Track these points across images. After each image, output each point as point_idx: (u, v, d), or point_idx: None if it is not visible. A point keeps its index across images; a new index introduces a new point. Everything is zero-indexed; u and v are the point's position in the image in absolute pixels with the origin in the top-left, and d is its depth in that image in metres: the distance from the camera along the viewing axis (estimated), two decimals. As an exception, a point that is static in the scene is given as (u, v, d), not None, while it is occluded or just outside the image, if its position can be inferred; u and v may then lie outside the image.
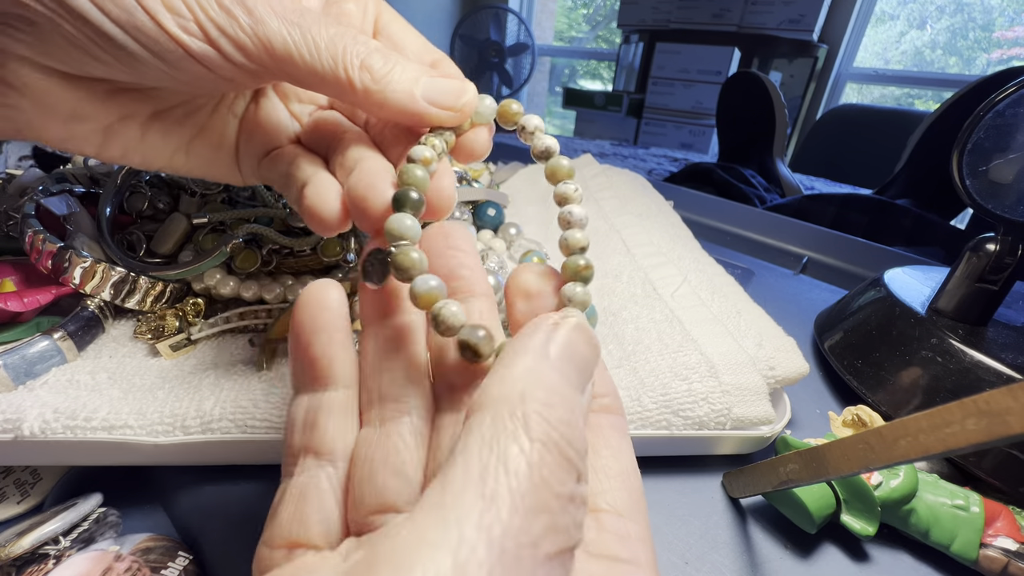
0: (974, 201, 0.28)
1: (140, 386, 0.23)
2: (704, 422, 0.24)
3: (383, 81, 0.16)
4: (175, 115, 0.18)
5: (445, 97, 0.16)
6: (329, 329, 0.14)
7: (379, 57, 0.16)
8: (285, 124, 0.20)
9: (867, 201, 0.68)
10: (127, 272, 0.25)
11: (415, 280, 0.13)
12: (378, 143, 0.19)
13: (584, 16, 2.98)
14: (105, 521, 0.21)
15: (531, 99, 2.84)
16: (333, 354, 0.14)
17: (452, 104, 0.16)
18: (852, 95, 1.90)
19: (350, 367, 0.14)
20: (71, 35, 0.14)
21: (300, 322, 0.14)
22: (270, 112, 0.20)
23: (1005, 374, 0.25)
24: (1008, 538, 0.21)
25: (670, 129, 1.84)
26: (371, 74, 0.16)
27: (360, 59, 0.15)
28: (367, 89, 0.16)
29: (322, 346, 0.14)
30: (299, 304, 0.14)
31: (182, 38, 0.14)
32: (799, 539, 0.23)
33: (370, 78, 0.16)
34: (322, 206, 0.17)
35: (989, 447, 0.11)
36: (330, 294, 0.14)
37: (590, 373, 0.12)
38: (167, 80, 0.16)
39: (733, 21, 1.67)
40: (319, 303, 0.14)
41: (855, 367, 0.31)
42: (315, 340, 0.14)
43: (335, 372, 0.14)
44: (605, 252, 0.38)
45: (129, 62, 0.15)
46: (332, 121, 0.20)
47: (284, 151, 0.19)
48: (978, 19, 1.97)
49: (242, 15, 0.14)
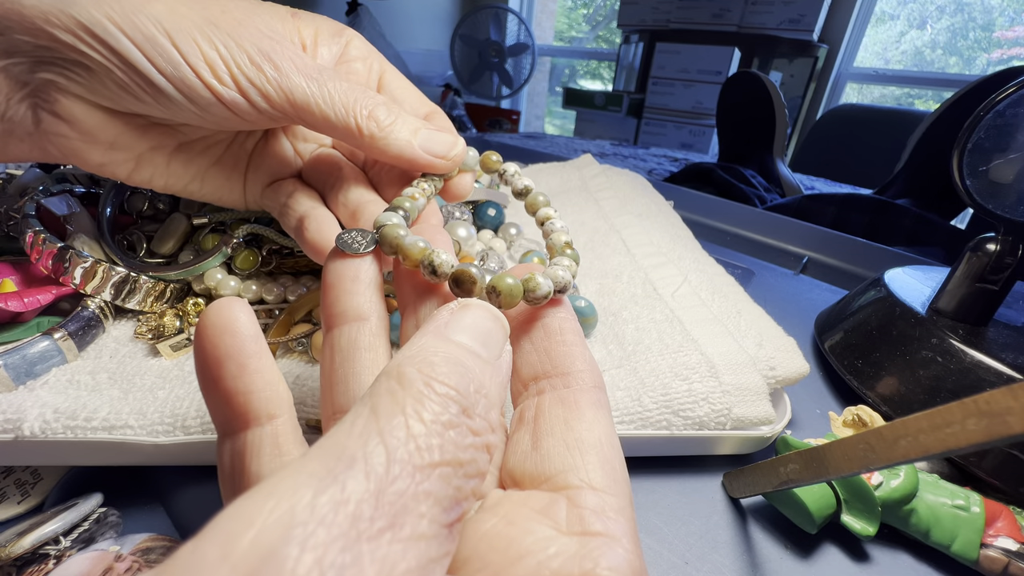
0: (974, 201, 0.28)
1: (140, 386, 0.23)
2: (704, 422, 0.24)
3: (386, 130, 0.18)
4: (197, 147, 0.21)
5: (439, 147, 0.19)
6: (238, 356, 0.12)
7: (384, 110, 0.18)
8: (289, 159, 0.23)
9: (867, 201, 0.68)
10: (127, 272, 0.25)
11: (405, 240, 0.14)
12: (375, 183, 0.21)
13: (584, 16, 2.98)
14: (105, 521, 0.21)
15: (531, 99, 2.84)
16: (248, 386, 0.12)
17: (444, 154, 0.19)
18: (852, 95, 1.90)
19: (274, 393, 0.12)
20: (121, 80, 0.16)
21: (203, 352, 0.12)
22: (277, 148, 0.23)
23: (1005, 374, 0.25)
24: (1008, 538, 0.21)
25: (670, 129, 1.84)
26: (377, 124, 0.18)
27: (368, 110, 0.18)
28: (373, 136, 0.18)
29: (232, 379, 0.12)
30: (199, 331, 0.12)
31: (217, 88, 0.17)
32: (799, 539, 0.23)
33: (376, 127, 0.18)
34: (323, 242, 0.19)
35: (989, 447, 0.11)
36: (234, 314, 0.12)
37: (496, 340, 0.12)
38: (197, 120, 0.18)
39: (733, 21, 1.67)
40: (222, 327, 0.12)
41: (855, 367, 0.31)
42: (224, 373, 0.12)
43: (254, 406, 0.12)
44: (605, 252, 0.38)
45: (167, 104, 0.17)
46: (331, 159, 0.22)
47: (284, 184, 0.22)
48: (978, 19, 1.97)
49: (269, 70, 0.17)
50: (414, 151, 0.18)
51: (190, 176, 0.21)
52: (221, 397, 0.12)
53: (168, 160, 0.20)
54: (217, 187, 0.22)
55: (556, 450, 0.12)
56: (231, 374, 0.12)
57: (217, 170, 0.22)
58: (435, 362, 0.10)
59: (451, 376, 0.10)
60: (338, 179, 0.21)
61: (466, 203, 0.41)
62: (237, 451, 0.12)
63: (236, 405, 0.12)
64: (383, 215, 0.16)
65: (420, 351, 0.10)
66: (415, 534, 0.08)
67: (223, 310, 0.12)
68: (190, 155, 0.21)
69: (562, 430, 0.12)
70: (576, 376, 0.13)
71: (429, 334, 0.11)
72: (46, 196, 0.28)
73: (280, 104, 0.17)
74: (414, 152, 0.18)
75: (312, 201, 0.21)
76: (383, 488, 0.08)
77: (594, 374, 0.14)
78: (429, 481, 0.08)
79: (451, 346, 0.11)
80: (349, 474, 0.07)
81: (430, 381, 0.09)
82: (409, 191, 0.18)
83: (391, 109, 0.19)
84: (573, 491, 0.11)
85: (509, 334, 0.13)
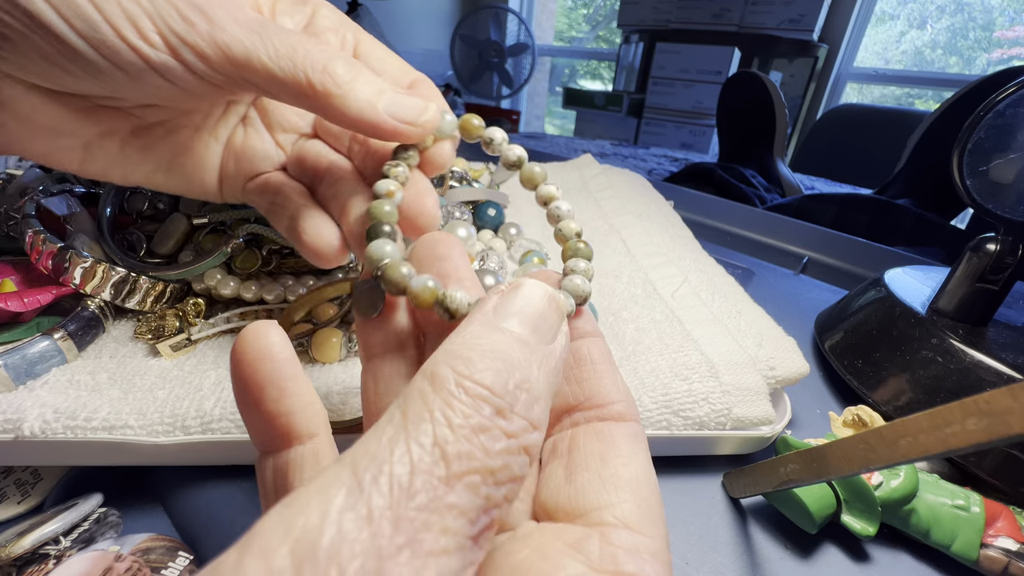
0: (974, 201, 0.28)
1: (140, 386, 0.23)
2: (704, 422, 0.24)
3: (345, 87, 0.16)
4: (156, 134, 0.19)
5: (407, 111, 0.16)
6: (277, 381, 0.12)
7: (343, 64, 0.16)
8: (270, 152, 0.21)
9: (867, 201, 0.68)
10: (127, 272, 0.25)
11: (412, 282, 0.13)
12: (361, 171, 0.19)
13: (584, 16, 2.98)
14: (105, 521, 0.21)
15: (531, 99, 2.84)
16: (289, 407, 0.12)
17: (413, 119, 0.16)
18: (852, 95, 1.90)
19: (313, 412, 0.13)
20: (43, 49, 0.14)
21: (242, 378, 0.12)
22: (255, 140, 0.20)
23: (1006, 374, 0.25)
24: (1009, 538, 0.21)
25: (670, 129, 1.84)
26: (333, 79, 0.15)
27: (323, 64, 0.15)
28: (328, 93, 0.15)
29: (273, 403, 0.12)
30: (235, 357, 0.12)
31: (143, 49, 0.14)
32: (799, 539, 0.23)
33: (332, 82, 0.15)
34: (323, 245, 0.18)
35: (989, 447, 0.11)
36: (270, 339, 0.12)
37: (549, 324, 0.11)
38: (134, 93, 0.16)
39: (733, 21, 1.67)
40: (260, 354, 0.12)
41: (855, 367, 0.31)
42: (264, 397, 0.12)
43: (295, 427, 0.13)
44: (605, 252, 0.38)
45: (95, 74, 0.15)
46: (315, 150, 0.20)
47: (270, 179, 0.20)
48: (978, 19, 1.97)
49: (201, 23, 0.14)
50: (377, 115, 0.16)
51: (151, 168, 0.19)
52: (263, 420, 0.13)
53: (122, 148, 0.18)
54: (185, 179, 0.20)
55: (591, 485, 0.11)
56: (272, 398, 0.12)
57: (184, 162, 0.20)
58: (471, 358, 0.10)
59: (487, 373, 0.09)
60: (324, 171, 0.19)
61: (466, 203, 0.41)
62: (280, 468, 0.13)
63: (278, 427, 0.12)
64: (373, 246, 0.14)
65: (460, 344, 0.10)
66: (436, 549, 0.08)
67: (259, 336, 0.12)
68: (147, 142, 0.19)
69: (597, 465, 0.12)
70: (611, 408, 0.13)
71: (475, 322, 0.11)
72: (46, 196, 0.28)
73: (218, 62, 0.15)
74: (377, 116, 0.16)
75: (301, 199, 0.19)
76: (405, 502, 0.08)
77: (630, 405, 0.13)
78: (455, 493, 0.08)
79: (495, 336, 0.10)
80: (374, 488, 0.08)
81: (462, 380, 0.09)
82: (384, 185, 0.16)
83: (352, 65, 0.16)
84: (608, 528, 0.11)
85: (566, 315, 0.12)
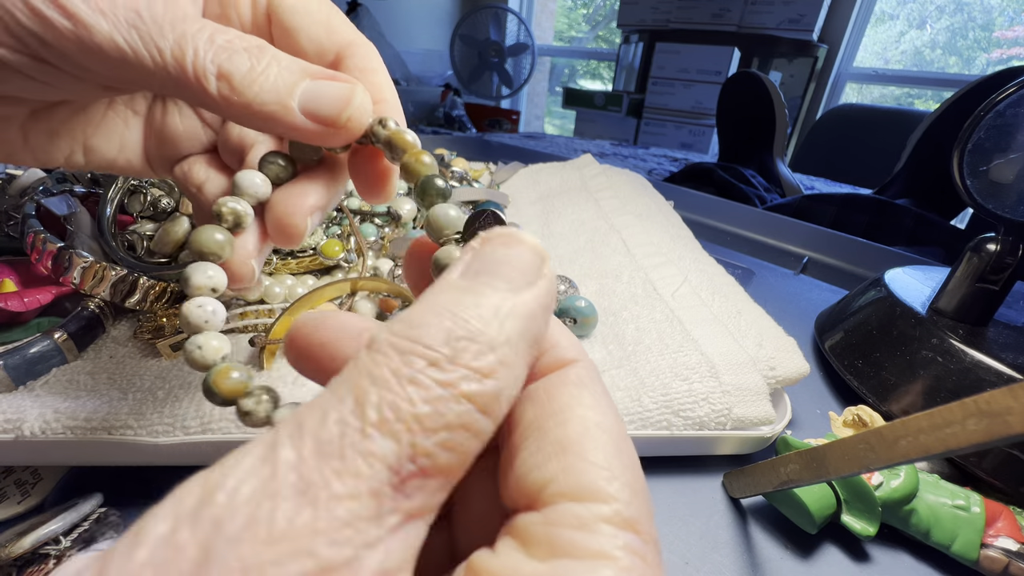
0: (974, 201, 0.28)
1: (140, 386, 0.23)
2: (704, 422, 0.24)
3: (247, 89, 0.13)
4: (59, 115, 0.17)
5: (328, 105, 0.13)
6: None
7: (244, 58, 0.13)
8: (195, 131, 0.18)
9: (867, 201, 0.68)
10: (127, 272, 0.25)
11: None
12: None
13: (584, 16, 2.98)
14: (105, 521, 0.21)
15: (531, 99, 2.84)
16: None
17: (335, 115, 0.13)
18: (852, 95, 1.90)
19: None
20: None
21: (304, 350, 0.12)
22: (175, 118, 0.18)
23: (1006, 374, 0.25)
24: (1009, 538, 0.21)
25: (670, 129, 1.84)
26: (230, 83, 0.13)
27: (217, 64, 0.13)
28: (226, 98, 0.13)
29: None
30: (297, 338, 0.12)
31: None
32: (800, 539, 0.23)
33: (228, 87, 0.13)
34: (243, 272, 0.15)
35: (990, 447, 0.11)
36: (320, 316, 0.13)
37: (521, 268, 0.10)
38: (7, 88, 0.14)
39: (733, 21, 1.67)
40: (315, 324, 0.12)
41: (855, 367, 0.31)
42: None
43: None
44: (605, 252, 0.38)
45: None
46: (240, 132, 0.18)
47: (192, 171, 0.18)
48: (978, 19, 1.97)
49: (59, 18, 0.12)
50: (291, 116, 0.13)
51: (65, 150, 0.17)
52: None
53: (23, 133, 0.16)
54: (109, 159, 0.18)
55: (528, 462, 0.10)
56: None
57: (101, 140, 0.18)
58: (411, 317, 0.09)
59: (421, 329, 0.09)
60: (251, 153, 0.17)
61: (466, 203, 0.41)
62: None
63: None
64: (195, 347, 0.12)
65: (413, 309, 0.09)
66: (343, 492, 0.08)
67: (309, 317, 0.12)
68: (52, 124, 0.16)
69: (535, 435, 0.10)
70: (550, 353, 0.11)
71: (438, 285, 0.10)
72: (46, 196, 0.28)
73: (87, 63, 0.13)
74: (292, 118, 0.13)
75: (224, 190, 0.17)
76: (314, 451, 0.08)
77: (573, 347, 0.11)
78: (370, 441, 0.08)
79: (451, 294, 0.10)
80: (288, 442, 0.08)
81: (395, 339, 0.09)
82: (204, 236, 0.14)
83: (259, 57, 0.13)
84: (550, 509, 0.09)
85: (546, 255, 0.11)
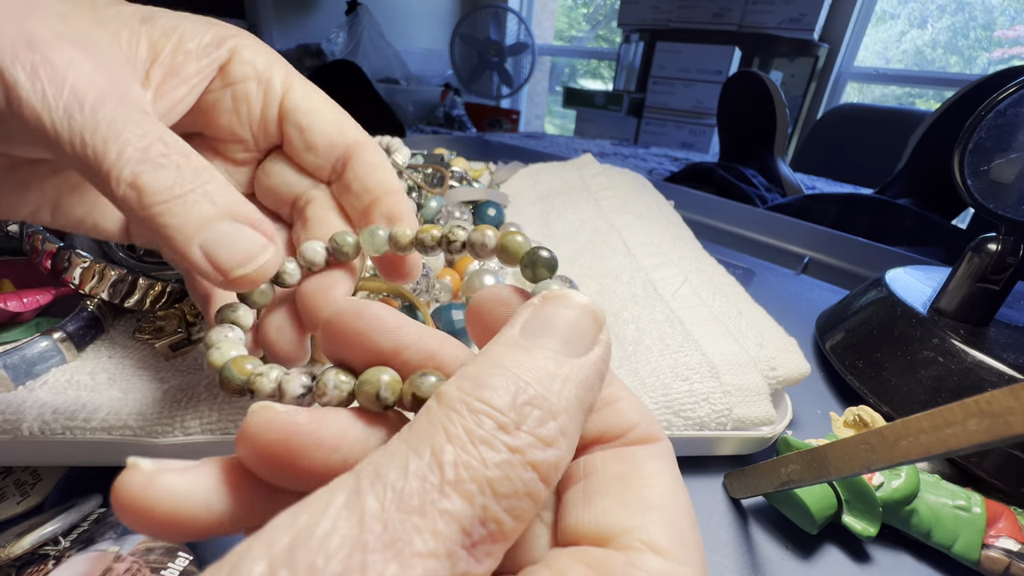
0: (975, 201, 0.28)
1: (140, 387, 0.23)
2: (705, 423, 0.24)
3: (155, 208, 0.12)
4: (36, 171, 0.16)
5: (229, 256, 0.13)
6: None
7: (169, 175, 0.13)
8: None
9: (868, 201, 0.68)
10: (126, 272, 0.25)
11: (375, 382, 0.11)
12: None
13: (584, 15, 2.98)
14: (105, 521, 0.21)
15: (531, 99, 2.84)
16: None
17: (227, 269, 0.13)
18: (853, 94, 1.90)
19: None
20: None
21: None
22: None
23: (1007, 374, 0.25)
24: (1010, 539, 0.21)
25: (670, 129, 1.84)
26: (139, 195, 0.12)
27: (134, 174, 0.12)
28: (129, 206, 0.12)
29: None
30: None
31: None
32: (800, 540, 0.23)
33: (136, 200, 0.12)
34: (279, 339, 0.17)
35: (991, 447, 0.11)
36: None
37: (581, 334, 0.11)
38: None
39: (734, 20, 1.67)
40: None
41: (856, 367, 0.31)
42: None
43: None
44: (605, 252, 0.38)
45: None
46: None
47: None
48: (979, 18, 1.97)
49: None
50: (189, 250, 0.13)
51: (32, 206, 0.17)
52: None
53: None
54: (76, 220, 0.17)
55: (612, 510, 0.10)
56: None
57: (74, 200, 0.17)
58: (479, 375, 0.09)
59: (490, 391, 0.09)
60: None
61: (466, 203, 0.41)
62: None
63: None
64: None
65: (475, 364, 0.10)
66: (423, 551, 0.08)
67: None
68: (26, 179, 0.16)
69: (619, 488, 0.11)
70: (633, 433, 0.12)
71: (500, 340, 0.10)
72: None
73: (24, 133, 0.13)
74: (189, 251, 0.13)
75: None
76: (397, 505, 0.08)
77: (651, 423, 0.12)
78: (448, 500, 0.08)
79: (514, 353, 0.10)
80: (371, 491, 0.08)
81: (465, 397, 0.09)
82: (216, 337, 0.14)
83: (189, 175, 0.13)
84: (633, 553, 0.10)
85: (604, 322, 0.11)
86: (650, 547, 0.10)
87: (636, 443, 0.12)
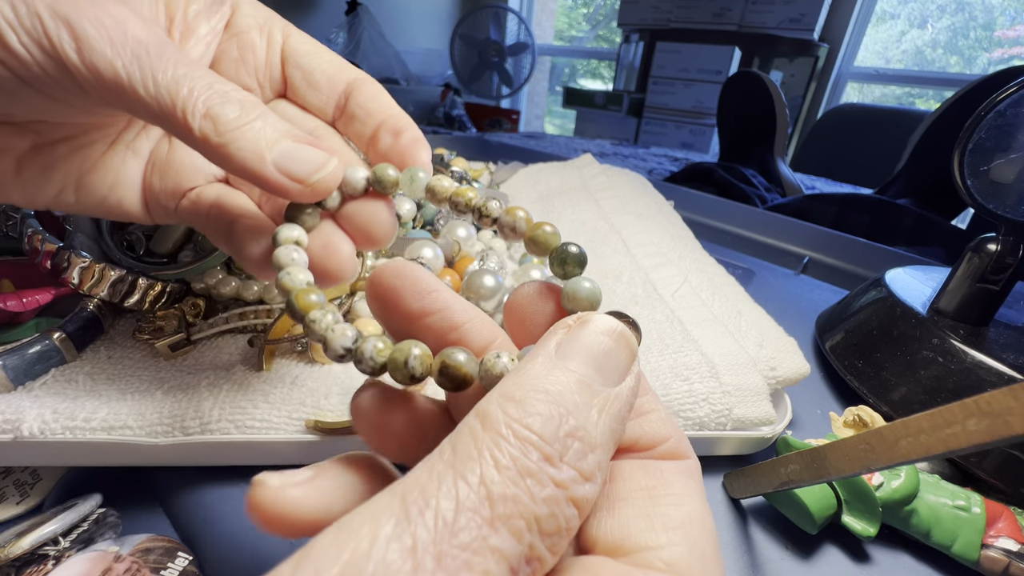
0: (975, 201, 0.28)
1: (139, 387, 0.23)
2: (705, 423, 0.24)
3: (229, 135, 0.14)
4: (60, 151, 0.17)
5: (300, 166, 0.15)
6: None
7: (234, 107, 0.14)
8: (202, 163, 0.19)
9: (868, 201, 0.68)
10: (126, 272, 0.25)
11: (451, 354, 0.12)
12: None
13: (584, 15, 2.98)
14: (105, 522, 0.21)
15: (531, 99, 2.84)
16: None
17: (304, 177, 0.15)
18: (853, 94, 1.90)
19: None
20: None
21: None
22: (183, 151, 0.19)
23: (1006, 374, 0.25)
24: (1009, 539, 0.21)
25: (670, 129, 1.84)
26: (214, 125, 0.14)
27: (207, 106, 0.14)
28: (207, 139, 0.14)
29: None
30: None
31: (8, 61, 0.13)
32: (800, 540, 0.23)
33: (212, 129, 0.14)
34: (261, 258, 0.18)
35: (990, 448, 0.11)
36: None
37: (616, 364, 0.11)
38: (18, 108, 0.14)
39: (733, 20, 1.67)
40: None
41: (856, 367, 0.31)
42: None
43: None
44: (605, 252, 0.38)
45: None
46: None
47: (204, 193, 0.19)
48: (979, 18, 1.97)
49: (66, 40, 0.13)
50: (264, 167, 0.14)
51: (56, 188, 0.17)
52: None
53: (17, 167, 0.16)
54: (99, 199, 0.18)
55: (637, 523, 0.10)
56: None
57: (96, 179, 0.18)
58: (524, 399, 0.09)
59: (536, 418, 0.09)
60: None
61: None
62: None
63: None
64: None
65: (516, 384, 0.10)
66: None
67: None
68: (50, 160, 0.17)
69: (644, 501, 0.11)
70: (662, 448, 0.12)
71: (537, 360, 0.10)
72: (45, 196, 0.28)
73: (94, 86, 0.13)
74: (264, 169, 0.14)
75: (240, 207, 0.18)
76: (449, 539, 0.08)
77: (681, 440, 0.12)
78: (498, 535, 0.08)
79: (553, 376, 0.10)
80: (420, 520, 0.08)
81: (511, 423, 0.09)
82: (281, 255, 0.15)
83: (248, 110, 0.14)
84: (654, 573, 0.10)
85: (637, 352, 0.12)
86: (672, 569, 0.09)
87: (664, 457, 0.12)
